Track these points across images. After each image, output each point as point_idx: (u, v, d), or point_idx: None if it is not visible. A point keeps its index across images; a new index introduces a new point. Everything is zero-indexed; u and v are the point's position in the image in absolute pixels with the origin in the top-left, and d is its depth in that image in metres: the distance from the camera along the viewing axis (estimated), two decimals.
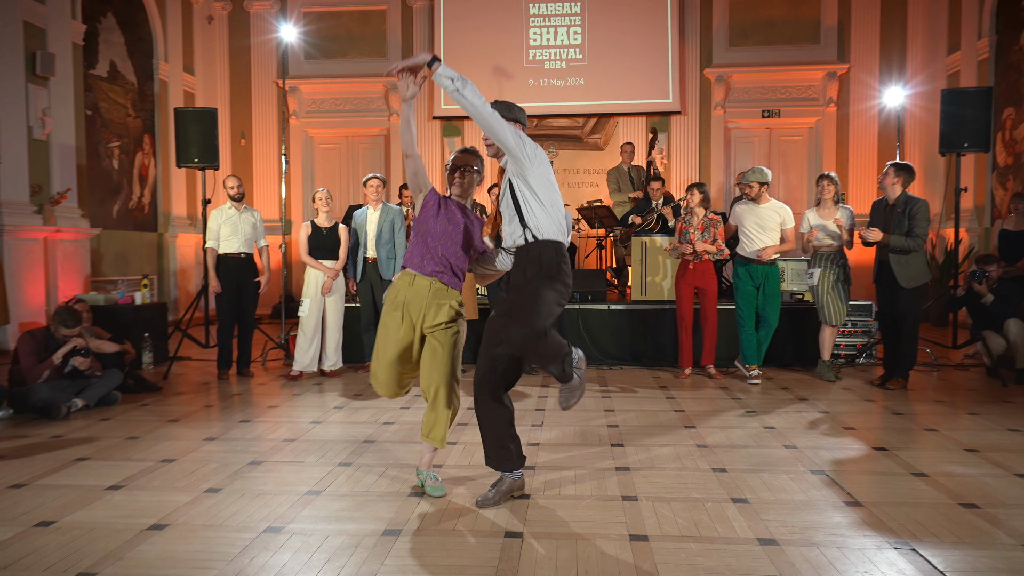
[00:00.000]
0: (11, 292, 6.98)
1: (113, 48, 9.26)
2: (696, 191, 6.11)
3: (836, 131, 10.83)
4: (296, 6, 11.16)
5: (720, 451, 4.00)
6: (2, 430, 4.60)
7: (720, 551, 2.68)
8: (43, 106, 7.70)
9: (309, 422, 4.72)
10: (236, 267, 6.23)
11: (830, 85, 10.75)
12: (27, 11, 7.51)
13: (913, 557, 2.63)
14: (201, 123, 7.43)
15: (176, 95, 10.40)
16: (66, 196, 7.90)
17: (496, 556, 2.65)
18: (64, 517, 3.06)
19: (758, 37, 10.82)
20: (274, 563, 2.61)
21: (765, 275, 5.98)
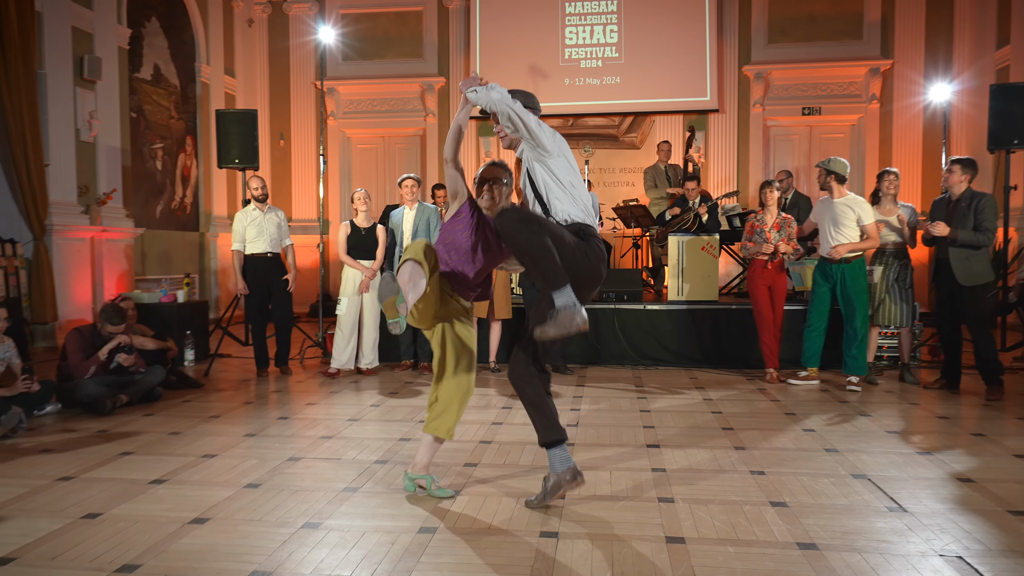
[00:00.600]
0: (59, 290, 7.17)
1: (157, 51, 9.47)
2: (773, 189, 5.96)
3: (879, 128, 10.60)
4: (334, 8, 11.29)
5: (758, 453, 3.94)
6: (51, 424, 4.74)
7: (758, 555, 2.65)
8: (90, 109, 7.90)
9: (346, 419, 4.77)
10: (264, 267, 6.32)
11: (873, 81, 10.53)
12: (76, 17, 7.71)
13: (960, 565, 2.56)
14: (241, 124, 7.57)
15: (217, 97, 10.59)
16: (112, 197, 8.10)
17: (531, 556, 2.65)
18: (110, 509, 3.14)
19: (799, 33, 10.64)
20: (312, 559, 2.64)
21: (841, 274, 5.69)
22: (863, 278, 5.66)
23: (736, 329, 6.76)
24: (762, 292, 6.01)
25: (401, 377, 6.32)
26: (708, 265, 6.91)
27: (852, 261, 5.66)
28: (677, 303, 6.91)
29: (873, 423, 4.62)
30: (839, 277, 5.70)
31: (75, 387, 4.99)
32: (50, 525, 2.96)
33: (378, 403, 5.27)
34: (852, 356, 5.64)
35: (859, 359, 5.63)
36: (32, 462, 3.87)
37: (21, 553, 2.70)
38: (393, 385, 5.97)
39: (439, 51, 11.27)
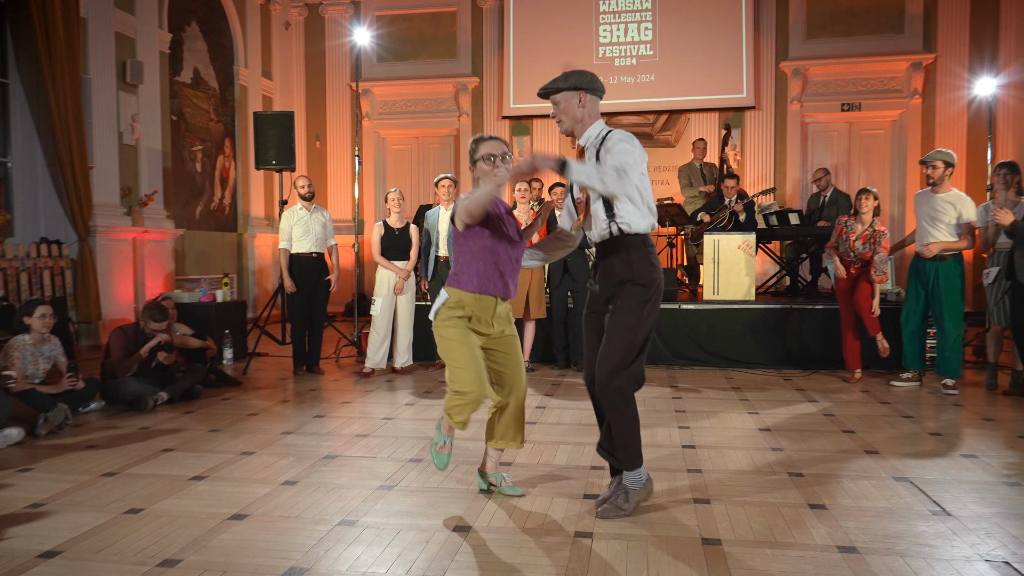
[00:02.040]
0: (102, 290, 7.33)
1: (196, 55, 9.65)
2: (871, 198, 5.73)
3: (921, 124, 10.36)
4: (369, 10, 11.39)
5: (796, 455, 3.88)
6: (95, 421, 4.85)
7: (796, 558, 2.61)
8: (132, 112, 8.08)
9: (381, 418, 4.81)
10: (309, 267, 6.39)
11: (915, 76, 10.29)
12: (119, 22, 7.89)
13: (1007, 571, 2.50)
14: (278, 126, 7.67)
15: (255, 99, 10.75)
16: (153, 198, 8.26)
17: (566, 555, 2.64)
18: (152, 505, 3.20)
19: (838, 28, 10.45)
20: (348, 556, 2.67)
21: (935, 273, 5.49)
22: (958, 277, 5.44)
23: (773, 329, 6.67)
24: (842, 294, 5.92)
25: (435, 376, 6.35)
26: (745, 264, 6.82)
27: (947, 259, 5.45)
28: (713, 302, 6.84)
29: (915, 424, 4.52)
30: (932, 275, 5.50)
31: (118, 385, 5.11)
32: (95, 520, 3.04)
33: (412, 402, 5.31)
34: (945, 358, 5.45)
35: (952, 361, 5.43)
36: (77, 458, 3.97)
37: (67, 546, 2.77)
38: (427, 384, 6.00)
39: (473, 51, 11.30)
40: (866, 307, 5.74)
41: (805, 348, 6.60)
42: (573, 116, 3.09)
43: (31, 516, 3.08)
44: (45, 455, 4.02)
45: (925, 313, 5.63)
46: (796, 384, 5.90)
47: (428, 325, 6.92)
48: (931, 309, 5.57)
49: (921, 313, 5.62)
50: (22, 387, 4.58)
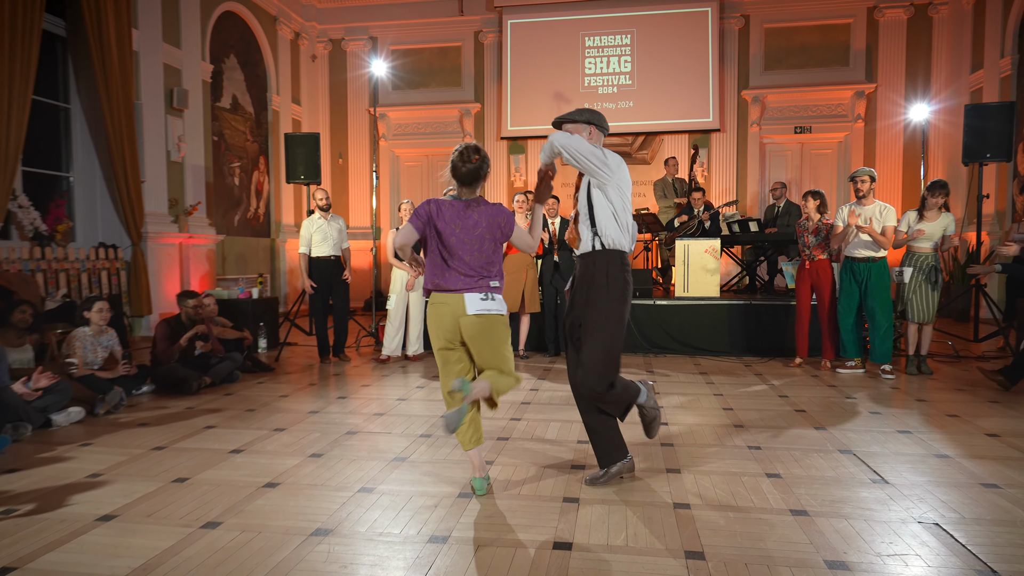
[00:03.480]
0: (153, 288, 7.32)
1: (234, 84, 9.62)
2: (812, 198, 5.82)
3: (864, 145, 10.38)
4: (385, 44, 11.36)
5: (755, 430, 3.89)
6: (146, 402, 4.84)
7: (755, 519, 2.61)
8: (178, 133, 8.05)
9: (395, 399, 4.81)
10: (327, 268, 6.37)
11: (858, 103, 10.31)
12: (167, 55, 7.86)
13: (936, 531, 2.51)
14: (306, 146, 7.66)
15: (286, 122, 10.72)
16: (197, 208, 8.24)
17: (556, 517, 2.65)
18: (196, 475, 3.20)
19: (792, 61, 10.46)
20: (367, 518, 2.67)
21: (868, 272, 5.52)
22: (886, 276, 5.51)
23: (735, 322, 6.68)
24: (803, 289, 5.90)
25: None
26: (711, 266, 6.83)
27: (877, 261, 5.50)
28: (683, 299, 6.84)
29: (858, 405, 4.53)
30: (866, 276, 5.53)
31: (165, 370, 5.10)
32: (146, 487, 3.03)
33: (423, 385, 5.30)
34: (878, 346, 5.50)
35: (884, 348, 5.49)
36: (131, 434, 3.96)
37: (122, 511, 2.76)
38: (436, 370, 5.99)
39: (475, 80, 11.28)
40: (827, 294, 5.76)
41: (762, 338, 6.61)
42: None
43: (91, 485, 3.08)
44: (102, 431, 4.01)
45: (859, 308, 5.66)
46: (755, 369, 5.91)
47: None
48: (864, 304, 5.59)
49: (855, 308, 5.65)
50: (83, 372, 4.57)
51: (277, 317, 7.64)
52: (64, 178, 7.03)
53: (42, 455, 3.55)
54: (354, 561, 2.30)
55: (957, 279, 8.96)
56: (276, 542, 2.45)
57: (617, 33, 10.79)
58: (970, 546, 2.38)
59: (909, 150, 10.20)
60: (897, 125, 10.20)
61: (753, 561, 2.27)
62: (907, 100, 10.04)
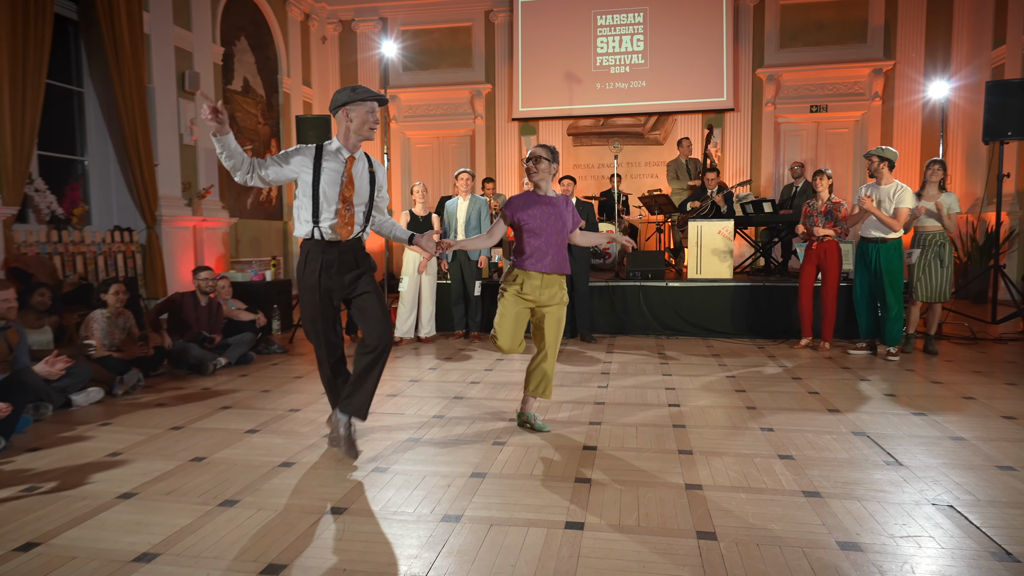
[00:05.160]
0: (168, 270, 7.38)
1: (245, 66, 9.60)
2: (824, 177, 5.73)
3: (881, 124, 10.21)
4: (395, 25, 11.28)
5: (767, 412, 3.88)
6: (164, 383, 4.91)
7: (768, 500, 2.62)
8: (191, 117, 8.06)
9: (408, 380, 4.84)
10: None
11: (876, 81, 10.13)
12: (178, 38, 7.85)
13: (950, 513, 2.50)
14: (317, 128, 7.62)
15: (297, 105, 10.70)
16: (210, 191, 8.27)
17: (568, 497, 2.66)
18: (213, 454, 3.25)
19: (808, 38, 10.27)
20: (381, 497, 2.69)
21: (877, 253, 5.43)
22: (897, 259, 5.40)
23: (748, 304, 6.64)
24: (808, 269, 5.82)
25: (455, 345, 6.37)
26: (723, 247, 6.78)
27: (888, 242, 5.40)
28: (696, 280, 6.81)
29: (872, 387, 4.50)
30: (874, 257, 5.45)
31: (183, 350, 5.15)
32: (164, 466, 3.08)
33: (435, 367, 5.33)
34: (888, 329, 5.43)
35: (894, 331, 5.41)
36: (149, 414, 4.02)
37: (141, 489, 2.81)
38: (448, 352, 6.02)
39: (486, 61, 11.19)
40: (834, 276, 5.70)
41: (776, 320, 6.57)
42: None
43: (110, 463, 3.13)
44: (121, 412, 4.08)
45: (872, 290, 5.60)
46: (768, 351, 5.88)
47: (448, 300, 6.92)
48: (875, 286, 5.52)
49: (867, 289, 5.59)
50: (101, 354, 4.63)
51: (290, 299, 7.69)
52: (79, 162, 7.07)
53: (63, 434, 3.61)
54: (369, 539, 2.33)
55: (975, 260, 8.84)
56: (292, 520, 2.48)
57: (630, 11, 10.64)
58: (985, 528, 2.37)
59: (928, 129, 10.03)
60: (916, 103, 10.02)
61: (765, 542, 2.28)
62: (926, 77, 9.85)
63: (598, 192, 10.07)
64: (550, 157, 3.41)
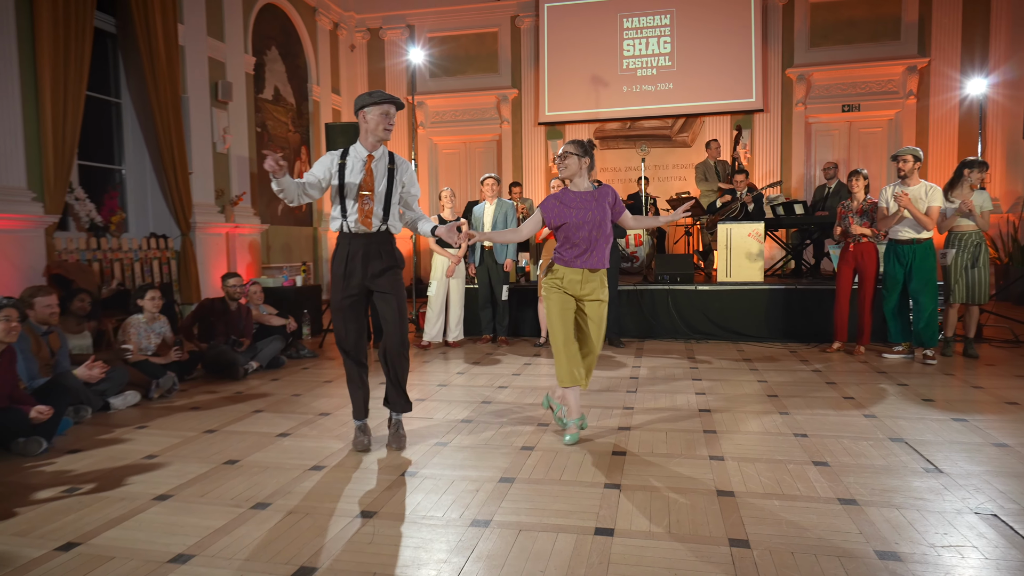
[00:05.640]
0: (201, 276, 7.52)
1: (276, 75, 9.76)
2: (860, 177, 5.63)
3: (916, 122, 9.98)
4: (423, 32, 11.37)
5: (801, 418, 3.81)
6: (197, 387, 4.99)
7: (802, 508, 2.56)
8: (223, 125, 8.22)
9: (436, 384, 4.85)
10: None
11: (910, 78, 9.91)
12: (211, 49, 8.02)
13: (994, 522, 2.42)
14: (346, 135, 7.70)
15: (326, 112, 10.85)
16: (242, 198, 8.41)
17: (597, 503, 2.64)
18: (246, 457, 3.29)
19: (839, 36, 10.10)
20: (410, 501, 2.70)
21: (912, 254, 5.30)
22: (931, 259, 5.27)
23: (780, 307, 6.53)
24: (845, 271, 5.72)
25: (482, 349, 6.38)
26: (754, 250, 6.68)
27: (922, 243, 5.27)
28: (725, 284, 6.72)
29: (909, 391, 4.39)
30: (910, 258, 5.32)
31: (216, 355, 5.24)
32: (199, 469, 3.13)
33: (463, 371, 5.34)
34: (923, 330, 5.29)
35: (929, 332, 5.28)
36: (184, 418, 4.09)
37: (177, 491, 2.86)
38: (476, 356, 6.03)
39: (512, 66, 11.21)
40: (871, 278, 5.58)
41: (808, 323, 6.45)
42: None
43: (147, 466, 3.19)
44: (157, 415, 4.16)
45: (904, 291, 5.46)
46: (800, 356, 5.77)
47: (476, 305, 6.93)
48: (909, 287, 5.38)
49: (900, 291, 5.45)
50: (137, 358, 4.73)
51: (320, 304, 7.77)
52: (116, 171, 7.25)
53: (101, 436, 3.69)
54: (398, 543, 2.34)
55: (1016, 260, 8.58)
56: (323, 523, 2.50)
57: (656, 13, 10.57)
58: None
59: (965, 126, 9.77)
60: (952, 100, 9.78)
61: (800, 550, 2.23)
62: (963, 74, 9.61)
63: (625, 195, 10.01)
64: (579, 152, 3.41)
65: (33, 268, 5.48)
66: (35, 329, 4.07)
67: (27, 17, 5.58)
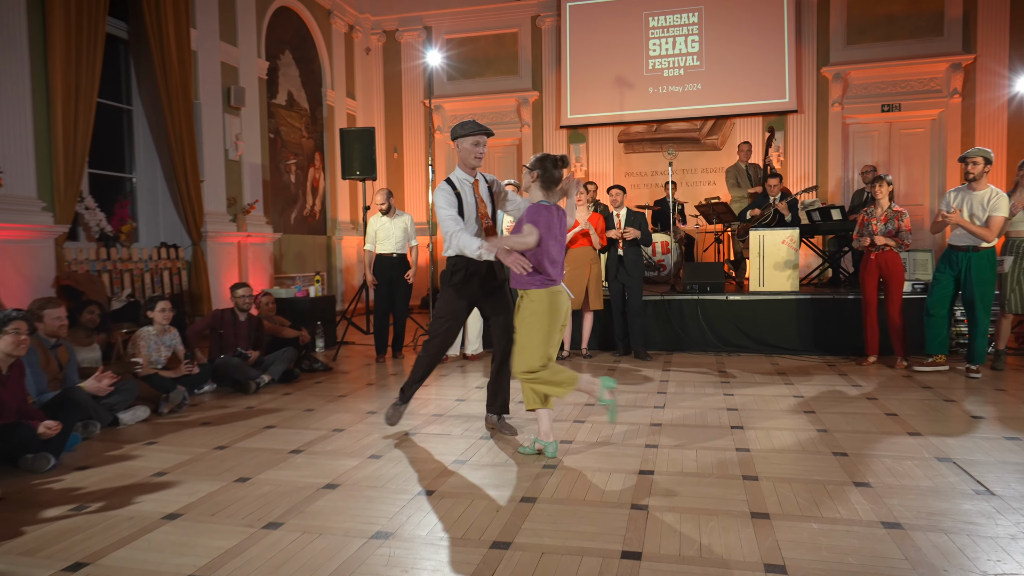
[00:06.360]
0: (212, 287, 7.61)
1: (290, 80, 9.91)
2: (884, 183, 5.58)
3: (961, 122, 9.82)
4: (440, 34, 11.48)
5: (840, 435, 3.75)
6: (208, 401, 5.05)
7: (842, 532, 2.52)
8: (236, 132, 8.35)
9: (454, 399, 4.86)
10: (388, 265, 6.52)
11: (954, 76, 9.76)
12: (224, 53, 8.17)
13: None
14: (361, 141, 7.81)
15: (340, 117, 10.98)
16: (255, 207, 8.53)
17: (623, 526, 2.62)
18: (257, 475, 3.32)
19: (877, 33, 10.00)
20: (427, 522, 2.70)
21: (967, 262, 5.18)
22: (990, 269, 5.13)
23: (817, 318, 6.45)
24: (869, 282, 5.67)
25: None
26: (788, 258, 6.62)
27: (980, 251, 5.13)
28: (758, 294, 6.66)
29: (957, 408, 4.30)
30: (964, 265, 5.20)
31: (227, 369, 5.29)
32: (210, 487, 3.16)
33: (482, 385, 5.34)
34: (976, 345, 5.19)
35: (979, 347, 5.16)
36: (194, 433, 4.14)
37: (187, 510, 2.89)
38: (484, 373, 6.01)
39: (533, 67, 11.27)
40: (897, 288, 5.50)
41: (846, 335, 6.35)
42: None
43: (157, 483, 3.23)
44: (167, 430, 4.21)
45: (952, 301, 5.34)
46: (839, 369, 5.69)
47: None
48: (963, 297, 5.27)
49: (949, 300, 5.34)
50: (147, 372, 4.81)
51: (334, 315, 7.84)
52: (127, 179, 7.40)
53: (110, 452, 3.75)
54: (415, 566, 2.34)
55: None
56: (337, 544, 2.51)
57: (684, 11, 10.56)
58: None
59: (1014, 126, 9.60)
60: (1000, 99, 9.61)
61: None
62: (1012, 71, 9.46)
63: (651, 201, 9.98)
64: (528, 166, 3.50)
65: (42, 279, 5.60)
66: (44, 342, 4.15)
67: (39, 23, 5.73)
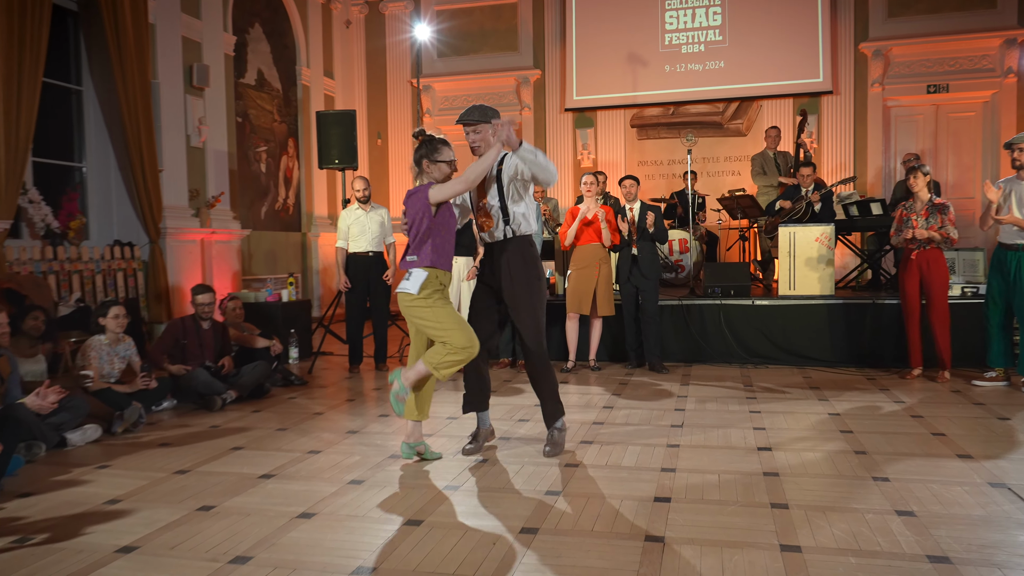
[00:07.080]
0: (172, 290, 7.62)
1: (260, 57, 9.93)
2: (920, 174, 5.61)
3: (1017, 104, 9.86)
4: (429, 6, 11.50)
5: (881, 458, 3.76)
6: (167, 419, 5.05)
7: (883, 567, 2.52)
8: (199, 115, 8.36)
9: (446, 418, 4.86)
10: (365, 265, 6.51)
11: (1009, 53, 9.80)
12: (186, 27, 8.18)
13: None
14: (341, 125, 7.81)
15: (317, 99, 10.99)
16: (220, 200, 8.53)
17: (636, 560, 2.62)
18: (223, 502, 3.32)
19: (923, 5, 10.03)
20: (414, 556, 2.70)
21: (1017, 264, 5.20)
22: None
23: (854, 326, 6.47)
24: (910, 284, 5.70)
25: (499, 375, 6.38)
26: (823, 257, 6.63)
27: None
28: (789, 298, 6.67)
29: (1013, 427, 4.31)
30: (1014, 266, 5.22)
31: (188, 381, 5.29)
32: (169, 516, 3.16)
33: None
34: (1007, 348, 5.23)
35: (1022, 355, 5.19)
36: (152, 455, 4.14)
37: (144, 542, 2.89)
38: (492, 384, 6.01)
39: (534, 43, 11.29)
40: (940, 291, 5.52)
41: (887, 344, 6.37)
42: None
43: (109, 512, 3.23)
44: (121, 452, 4.21)
45: (1008, 306, 5.36)
46: (880, 383, 5.70)
47: None
48: (1013, 303, 5.30)
49: (1003, 306, 5.36)
50: (99, 386, 4.80)
51: (310, 322, 7.84)
52: (76, 169, 7.41)
53: (57, 478, 3.75)
54: None
55: None
56: None
57: None
58: None
59: None
60: None
61: None
62: None
63: (668, 193, 10.00)
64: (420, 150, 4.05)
65: None
66: None
67: None
